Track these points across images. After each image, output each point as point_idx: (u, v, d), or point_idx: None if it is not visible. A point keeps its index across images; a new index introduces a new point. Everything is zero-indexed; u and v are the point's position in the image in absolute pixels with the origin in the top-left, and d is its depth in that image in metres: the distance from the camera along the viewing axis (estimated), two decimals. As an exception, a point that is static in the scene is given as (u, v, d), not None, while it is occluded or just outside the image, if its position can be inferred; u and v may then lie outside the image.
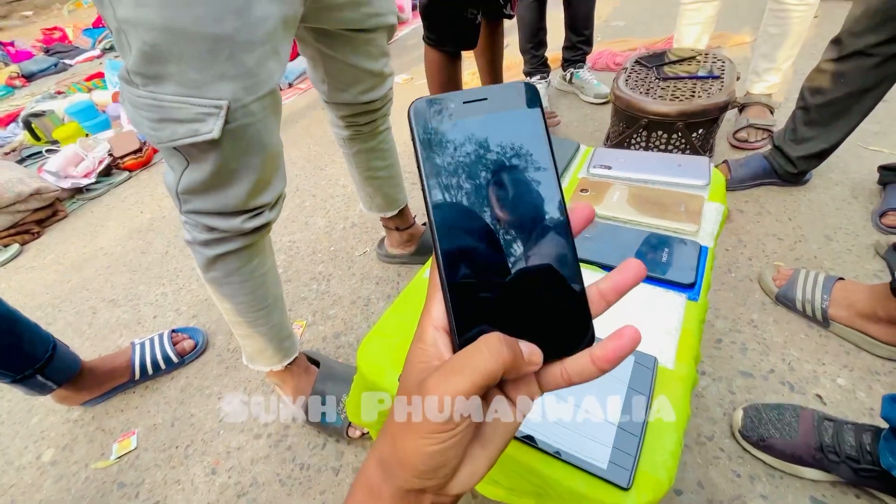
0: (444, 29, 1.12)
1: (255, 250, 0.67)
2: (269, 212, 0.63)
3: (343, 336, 1.07)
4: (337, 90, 0.79)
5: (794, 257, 1.05)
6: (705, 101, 1.14)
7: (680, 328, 0.48)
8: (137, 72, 0.47)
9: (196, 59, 0.47)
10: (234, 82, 0.49)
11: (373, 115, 0.86)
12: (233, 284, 0.68)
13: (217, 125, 0.49)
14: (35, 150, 2.17)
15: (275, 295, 0.75)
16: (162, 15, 0.44)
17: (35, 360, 0.84)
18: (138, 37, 0.45)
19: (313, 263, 1.29)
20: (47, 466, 0.91)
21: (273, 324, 0.76)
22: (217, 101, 0.49)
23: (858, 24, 0.96)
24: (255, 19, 0.48)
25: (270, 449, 0.86)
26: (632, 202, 0.64)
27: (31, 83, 3.39)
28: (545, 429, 0.40)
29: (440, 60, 1.19)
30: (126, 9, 0.44)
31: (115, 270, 1.43)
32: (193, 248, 0.65)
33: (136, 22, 0.44)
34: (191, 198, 0.58)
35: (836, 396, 0.79)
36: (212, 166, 0.54)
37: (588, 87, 1.82)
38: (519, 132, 0.21)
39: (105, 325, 1.23)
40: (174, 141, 0.51)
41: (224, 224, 0.60)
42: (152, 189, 1.84)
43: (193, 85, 0.48)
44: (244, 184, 0.57)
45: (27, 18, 5.36)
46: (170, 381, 1.03)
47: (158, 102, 0.49)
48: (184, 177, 0.56)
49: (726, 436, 0.76)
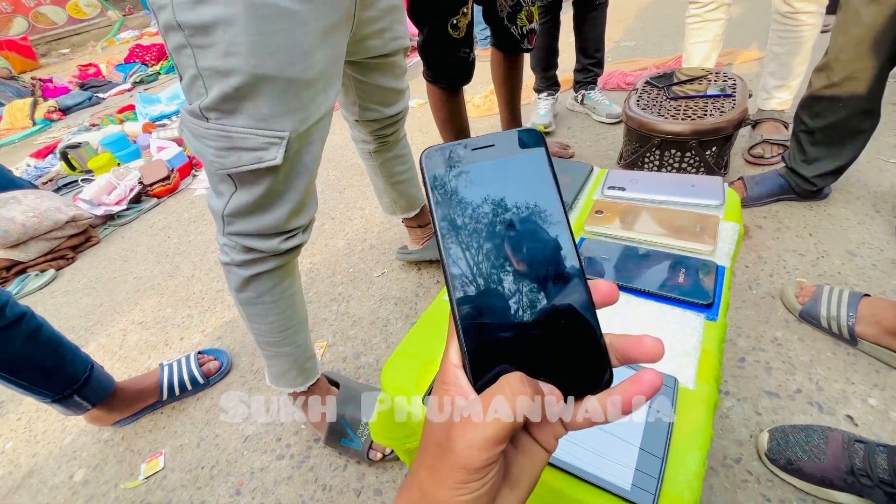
0: (439, 67, 1.18)
1: (286, 271, 0.71)
2: (302, 234, 0.68)
3: (363, 356, 1.08)
4: (367, 110, 0.88)
5: (817, 273, 1.03)
6: (718, 119, 1.15)
7: (700, 348, 0.48)
8: (213, 108, 0.54)
9: (270, 97, 0.54)
10: (295, 115, 0.56)
11: (396, 125, 0.95)
12: (264, 304, 0.72)
13: (280, 153, 0.56)
14: (70, 179, 2.30)
15: (301, 316, 0.78)
16: (249, 63, 0.51)
17: (74, 380, 0.89)
18: (222, 81, 0.52)
19: (333, 285, 1.32)
20: (79, 486, 0.94)
21: (298, 344, 0.79)
22: (280, 133, 0.56)
23: (845, 52, 0.99)
24: (313, 62, 0.56)
25: (293, 470, 0.88)
26: (647, 223, 0.65)
27: (67, 116, 3.59)
28: (566, 449, 0.41)
29: (440, 95, 1.25)
30: (211, 59, 0.51)
31: (143, 294, 1.48)
32: (230, 269, 0.69)
33: (222, 69, 0.51)
34: (235, 220, 0.63)
35: (867, 417, 0.77)
36: (262, 190, 0.60)
37: (600, 108, 1.85)
38: (526, 176, 0.22)
39: (134, 346, 1.27)
40: (239, 167, 0.57)
41: (263, 245, 0.65)
42: (179, 214, 1.92)
43: (262, 118, 0.55)
44: (287, 205, 0.63)
45: (64, 56, 5.72)
46: (195, 402, 1.06)
47: (227, 133, 0.55)
48: (231, 200, 0.61)
49: (754, 458, 0.75)
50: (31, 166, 2.52)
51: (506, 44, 1.27)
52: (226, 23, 0.49)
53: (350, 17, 0.62)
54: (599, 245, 0.64)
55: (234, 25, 0.49)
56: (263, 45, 0.51)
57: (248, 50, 0.50)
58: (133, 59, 4.35)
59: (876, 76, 0.98)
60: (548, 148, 0.23)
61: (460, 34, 1.11)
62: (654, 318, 0.52)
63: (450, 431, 0.20)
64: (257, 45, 0.51)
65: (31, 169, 2.49)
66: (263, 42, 0.51)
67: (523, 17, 1.19)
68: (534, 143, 0.22)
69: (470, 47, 1.16)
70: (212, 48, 0.50)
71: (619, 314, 0.54)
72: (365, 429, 0.85)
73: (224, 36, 0.50)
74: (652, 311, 0.53)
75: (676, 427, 0.42)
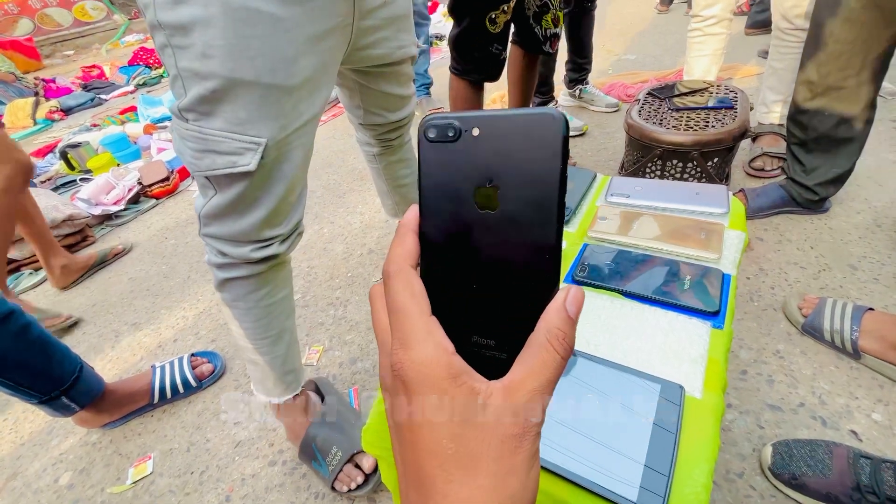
0: (469, 60, 1.21)
1: (262, 280, 0.69)
2: (279, 244, 0.66)
3: (359, 362, 1.07)
4: (371, 114, 0.87)
5: (819, 286, 1.03)
6: (720, 131, 1.15)
7: (706, 356, 0.47)
8: (190, 109, 0.53)
9: (247, 102, 0.53)
10: (273, 122, 0.55)
11: (401, 130, 0.95)
12: (238, 309, 0.71)
13: (255, 159, 0.55)
14: (69, 178, 2.28)
15: (281, 327, 0.75)
16: (226, 66, 0.50)
17: (62, 381, 0.86)
18: (199, 83, 0.51)
19: (331, 289, 1.31)
20: (64, 490, 0.91)
21: (276, 355, 0.77)
22: (257, 139, 0.54)
23: (824, 66, 1.03)
24: (297, 68, 0.54)
25: (285, 477, 0.85)
26: (652, 230, 0.64)
27: (68, 116, 3.59)
28: (573, 459, 0.39)
29: (464, 89, 1.27)
30: (188, 60, 0.50)
31: (138, 294, 1.46)
32: (211, 268, 0.68)
33: (199, 71, 0.50)
34: (210, 222, 0.63)
35: (872, 433, 0.75)
36: (235, 195, 0.58)
37: (598, 100, 2.04)
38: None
39: (127, 347, 1.25)
40: (213, 170, 0.56)
41: (234, 251, 0.64)
42: (177, 216, 1.90)
43: (239, 122, 0.53)
44: (259, 212, 0.61)
45: (69, 57, 5.74)
46: (187, 406, 1.04)
47: (203, 135, 0.54)
48: (209, 202, 0.60)
49: (757, 473, 0.73)
50: (30, 165, 2.51)
51: (528, 42, 1.29)
52: (203, 24, 0.48)
53: (347, 26, 0.61)
54: (603, 251, 0.63)
55: (211, 27, 0.48)
56: (241, 48, 0.50)
57: (225, 53, 0.49)
58: (137, 61, 4.37)
59: (857, 84, 1.00)
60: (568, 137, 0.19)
61: (497, 29, 1.14)
62: (660, 325, 0.51)
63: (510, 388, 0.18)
64: (235, 49, 0.50)
65: (29, 167, 2.47)
66: (241, 46, 0.50)
67: (549, 20, 1.21)
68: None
69: (503, 45, 1.19)
70: (189, 49, 0.50)
71: (624, 320, 0.53)
72: (335, 456, 0.80)
73: (201, 37, 0.49)
74: (657, 319, 0.52)
75: (683, 437, 0.40)
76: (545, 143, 0.19)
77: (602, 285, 0.57)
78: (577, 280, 0.59)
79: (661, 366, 0.47)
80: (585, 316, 0.54)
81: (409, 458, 0.19)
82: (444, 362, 0.18)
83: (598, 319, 0.53)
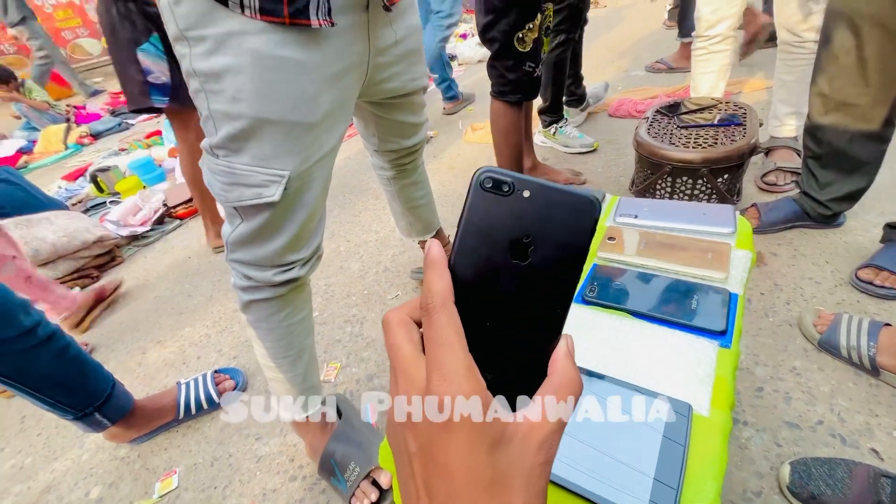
0: (504, 82, 1.26)
1: (283, 302, 0.73)
2: (299, 268, 0.70)
3: (376, 378, 1.09)
4: (385, 141, 0.92)
5: (835, 302, 1.02)
6: (729, 148, 1.17)
7: (714, 375, 0.49)
8: (221, 146, 0.58)
9: (272, 139, 0.58)
10: (296, 156, 0.60)
11: (414, 155, 0.99)
12: (261, 329, 0.75)
13: (279, 191, 0.60)
14: (99, 201, 2.40)
15: (301, 346, 0.79)
16: (253, 108, 0.55)
17: (97, 398, 0.91)
18: (228, 123, 0.56)
19: (347, 307, 1.34)
20: (94, 503, 0.95)
21: (297, 373, 0.80)
22: (281, 172, 0.59)
23: (837, 79, 1.01)
24: (318, 105, 0.59)
25: (305, 492, 0.87)
26: (659, 249, 0.66)
27: (97, 141, 3.77)
28: (582, 472, 0.41)
29: (503, 110, 1.32)
30: (220, 104, 0.56)
31: (163, 313, 1.52)
32: (236, 290, 0.73)
33: (229, 112, 0.55)
34: (236, 248, 0.67)
35: (893, 451, 0.74)
36: (260, 223, 0.63)
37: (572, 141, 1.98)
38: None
39: (153, 364, 1.30)
40: (241, 201, 0.61)
41: (258, 275, 0.68)
42: (200, 235, 1.97)
43: (264, 157, 0.58)
44: (282, 239, 0.66)
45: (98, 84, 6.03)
46: (210, 421, 1.07)
47: (232, 170, 0.59)
48: (236, 230, 0.65)
49: (775, 492, 0.73)
50: (63, 188, 2.64)
51: None
52: (234, 72, 0.53)
53: (363, 64, 0.66)
54: (612, 271, 0.65)
55: (241, 74, 0.54)
56: (267, 91, 0.55)
57: (253, 96, 0.55)
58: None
59: (872, 103, 0.99)
60: (597, 221, 0.23)
61: (526, 48, 1.18)
62: (668, 344, 0.53)
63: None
64: (261, 92, 0.55)
65: (62, 191, 2.60)
66: (267, 89, 0.55)
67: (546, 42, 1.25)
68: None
69: (536, 63, 1.23)
70: (221, 94, 0.55)
71: (632, 340, 0.54)
72: (353, 472, 0.83)
73: (232, 84, 0.54)
74: (665, 338, 0.54)
75: (691, 455, 0.42)
76: (580, 220, 0.22)
77: (611, 305, 0.59)
78: (588, 300, 0.61)
79: (668, 384, 0.48)
80: (595, 335, 0.56)
81: (439, 486, 0.20)
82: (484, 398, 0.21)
83: (608, 339, 0.55)
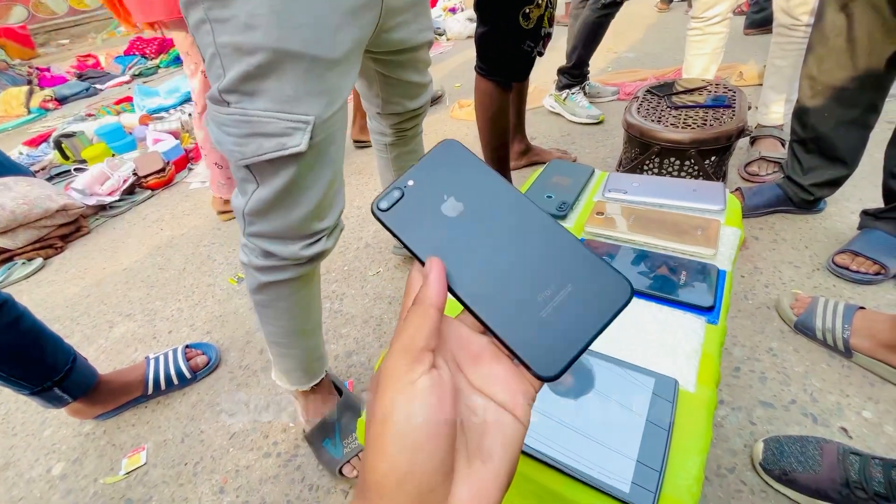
0: (497, 59, 1.16)
1: (305, 280, 0.67)
2: (326, 238, 0.63)
3: (355, 355, 1.07)
4: (390, 103, 0.86)
5: (812, 285, 1.04)
6: (718, 129, 1.15)
7: (700, 351, 0.48)
8: (232, 90, 0.50)
9: (293, 77, 0.49)
10: (320, 98, 0.52)
11: (416, 120, 0.93)
12: (278, 309, 0.69)
13: (305, 139, 0.51)
14: (63, 168, 2.26)
15: (315, 320, 0.76)
16: (271, 36, 0.46)
17: (55, 372, 0.86)
18: (241, 59, 0.48)
19: (327, 282, 1.30)
20: (57, 480, 0.91)
21: (308, 346, 0.77)
22: (305, 117, 0.51)
23: (825, 62, 1.01)
24: (339, 40, 0.51)
25: (280, 468, 0.85)
26: (648, 226, 0.65)
27: (63, 106, 3.55)
28: (566, 455, 0.40)
29: (490, 91, 1.22)
30: (230, 34, 0.47)
31: (132, 286, 1.46)
32: (248, 270, 0.66)
33: (242, 45, 0.47)
34: (255, 220, 0.59)
35: (862, 430, 0.76)
36: (283, 182, 0.55)
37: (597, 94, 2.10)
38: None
39: (121, 338, 1.25)
40: (260, 155, 0.52)
41: (283, 251, 0.61)
42: (173, 207, 1.89)
43: (285, 100, 0.50)
44: (308, 202, 0.58)
45: (63, 46, 5.67)
46: (181, 397, 1.04)
47: (247, 118, 0.50)
48: (252, 197, 0.57)
49: (748, 468, 0.74)
50: (24, 154, 2.48)
51: None
52: None
53: (377, 4, 0.58)
54: (600, 246, 0.63)
55: None
56: (287, 16, 0.46)
57: (271, 21, 0.46)
58: (133, 51, 4.32)
59: (860, 86, 0.99)
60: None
61: (530, 25, 1.09)
62: (655, 319, 0.52)
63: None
64: (281, 16, 0.46)
65: (23, 157, 2.44)
66: (287, 13, 0.46)
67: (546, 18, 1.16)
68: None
69: (536, 42, 1.14)
70: (230, 21, 0.46)
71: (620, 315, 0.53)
72: (353, 441, 0.81)
73: (244, 7, 0.45)
74: (653, 314, 0.52)
75: (677, 430, 0.41)
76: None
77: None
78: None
79: (655, 360, 0.47)
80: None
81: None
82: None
83: (594, 314, 0.54)
